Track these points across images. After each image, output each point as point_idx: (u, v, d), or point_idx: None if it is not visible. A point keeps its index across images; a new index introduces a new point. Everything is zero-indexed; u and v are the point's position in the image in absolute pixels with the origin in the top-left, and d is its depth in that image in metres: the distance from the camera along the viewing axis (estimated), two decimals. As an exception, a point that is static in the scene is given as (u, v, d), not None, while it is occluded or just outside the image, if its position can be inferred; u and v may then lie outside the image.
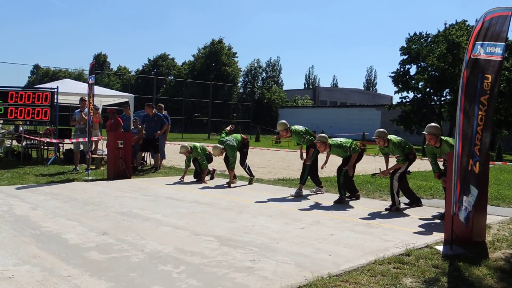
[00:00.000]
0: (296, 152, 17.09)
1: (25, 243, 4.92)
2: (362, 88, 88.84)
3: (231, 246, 4.99)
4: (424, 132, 6.65)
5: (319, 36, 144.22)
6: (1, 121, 14.21)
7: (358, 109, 53.53)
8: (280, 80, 76.35)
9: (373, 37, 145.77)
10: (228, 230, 5.74)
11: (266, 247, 4.96)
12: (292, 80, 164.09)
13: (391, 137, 7.40)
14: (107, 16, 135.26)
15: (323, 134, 8.23)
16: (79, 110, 12.75)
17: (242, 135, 10.45)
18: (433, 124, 6.68)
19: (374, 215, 6.89)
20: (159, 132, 12.20)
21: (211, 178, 10.72)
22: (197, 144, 10.57)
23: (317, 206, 7.60)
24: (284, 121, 9.06)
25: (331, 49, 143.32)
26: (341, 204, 7.74)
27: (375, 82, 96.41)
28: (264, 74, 73.53)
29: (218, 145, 9.73)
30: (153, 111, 12.32)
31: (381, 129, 7.49)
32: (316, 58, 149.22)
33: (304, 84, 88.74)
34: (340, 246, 5.06)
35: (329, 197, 8.40)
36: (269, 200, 8.10)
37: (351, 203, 7.90)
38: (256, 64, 72.39)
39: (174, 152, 18.03)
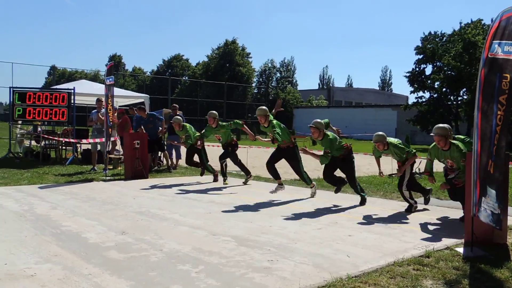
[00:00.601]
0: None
1: (46, 241, 4.99)
2: (377, 88, 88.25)
3: (248, 246, 5.00)
4: (432, 134, 6.45)
5: (333, 36, 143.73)
6: (20, 122, 14.41)
7: (374, 109, 53.14)
8: (294, 81, 76.14)
9: (387, 36, 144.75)
10: (246, 230, 5.75)
11: (284, 248, 4.95)
12: (306, 80, 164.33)
13: (390, 139, 7.28)
14: (122, 17, 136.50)
15: (318, 120, 7.76)
16: (95, 110, 12.88)
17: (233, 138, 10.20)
18: (441, 124, 6.46)
19: (392, 216, 6.83)
20: (160, 129, 12.21)
21: (215, 180, 10.43)
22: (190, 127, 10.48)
23: (334, 206, 7.56)
24: (265, 107, 8.63)
25: (345, 49, 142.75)
26: (360, 205, 7.66)
27: (390, 82, 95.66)
28: (278, 75, 73.38)
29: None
30: (146, 113, 12.36)
31: (380, 133, 7.31)
32: (330, 58, 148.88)
33: (319, 84, 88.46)
34: (359, 247, 5.03)
35: (345, 198, 8.36)
36: (286, 200, 8.09)
37: (369, 204, 7.84)
38: (270, 65, 72.29)
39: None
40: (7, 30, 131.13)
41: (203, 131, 10.06)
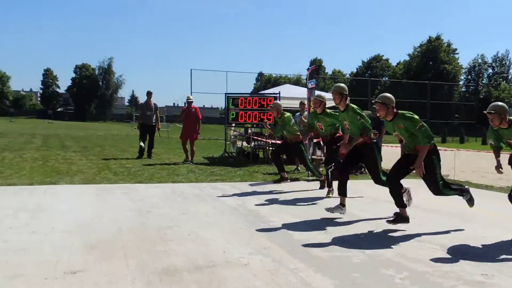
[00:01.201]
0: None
1: (257, 235, 5.42)
2: None
3: (459, 256, 4.63)
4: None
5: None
6: (234, 124, 15.99)
7: None
8: (509, 76, 67.81)
9: None
10: (455, 239, 5.34)
11: (501, 262, 4.45)
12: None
13: None
14: (322, 22, 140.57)
15: (387, 94, 5.91)
16: (299, 113, 13.48)
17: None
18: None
19: None
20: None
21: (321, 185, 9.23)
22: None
23: None
24: (342, 84, 7.00)
25: None
26: None
27: None
28: (490, 71, 66.35)
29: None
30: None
31: (500, 103, 5.45)
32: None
33: (542, 78, 76.97)
34: None
35: None
36: (503, 210, 7.23)
37: None
38: (480, 60, 65.82)
39: (388, 152, 17.61)
40: (220, 45, 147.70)
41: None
